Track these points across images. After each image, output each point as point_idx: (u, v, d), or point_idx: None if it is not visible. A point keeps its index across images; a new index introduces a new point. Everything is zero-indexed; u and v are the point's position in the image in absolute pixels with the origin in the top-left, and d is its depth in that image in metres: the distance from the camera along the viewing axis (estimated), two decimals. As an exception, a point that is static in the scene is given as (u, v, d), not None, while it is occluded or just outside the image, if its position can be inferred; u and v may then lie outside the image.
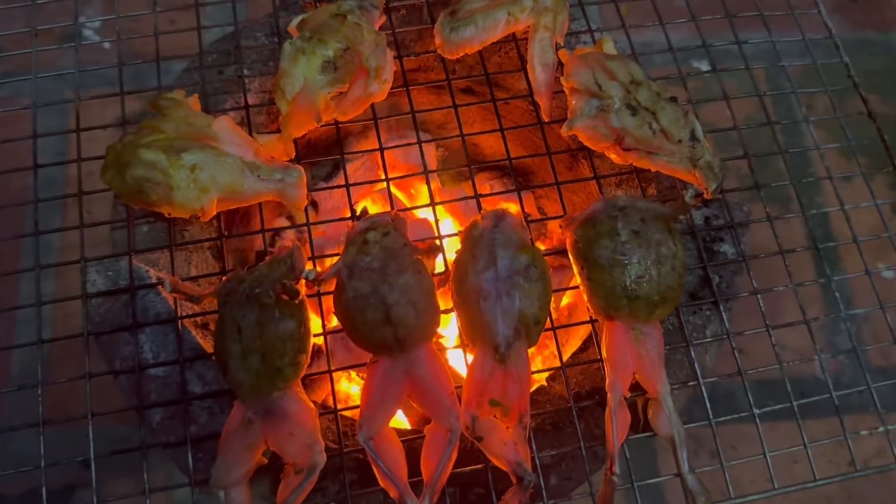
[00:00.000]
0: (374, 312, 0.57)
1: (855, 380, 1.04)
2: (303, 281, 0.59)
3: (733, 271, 0.69)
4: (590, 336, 0.68)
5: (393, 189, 0.95)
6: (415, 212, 0.92)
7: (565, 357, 0.77)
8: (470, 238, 0.62)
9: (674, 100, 0.67)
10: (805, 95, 0.78)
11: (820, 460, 0.63)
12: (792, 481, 0.63)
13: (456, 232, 0.67)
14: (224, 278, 0.61)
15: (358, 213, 0.97)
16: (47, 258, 0.65)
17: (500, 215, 0.62)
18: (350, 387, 0.89)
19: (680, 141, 0.66)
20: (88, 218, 0.67)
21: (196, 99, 0.67)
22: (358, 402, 0.86)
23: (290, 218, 0.86)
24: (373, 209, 0.96)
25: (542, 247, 0.97)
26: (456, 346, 0.65)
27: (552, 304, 0.91)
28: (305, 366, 0.58)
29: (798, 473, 0.64)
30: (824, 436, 0.64)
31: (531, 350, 0.80)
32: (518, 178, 1.02)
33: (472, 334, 0.60)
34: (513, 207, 1.00)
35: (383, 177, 0.71)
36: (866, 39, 1.40)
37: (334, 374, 0.65)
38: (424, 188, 0.95)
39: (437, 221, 0.68)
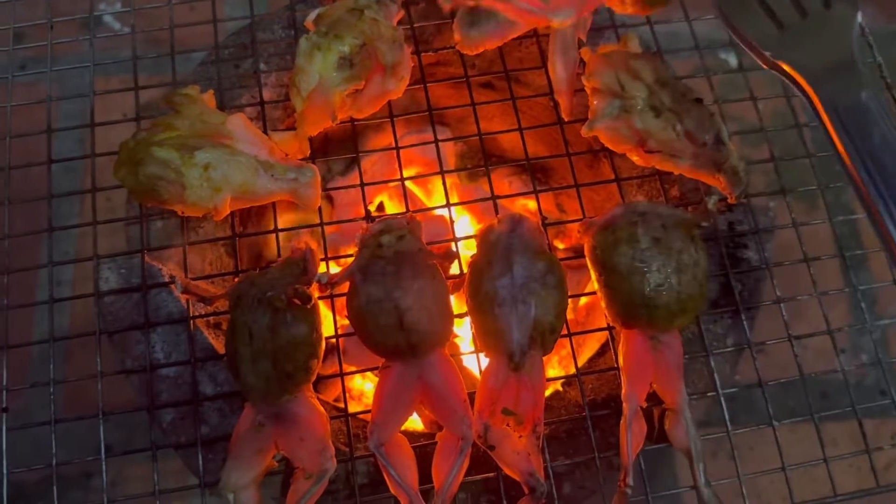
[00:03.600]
0: (386, 317, 0.56)
1: (878, 385, 1.02)
2: (315, 284, 0.58)
3: (756, 279, 0.67)
4: (607, 340, 0.67)
5: (410, 185, 0.94)
6: (431, 208, 0.91)
7: (582, 361, 0.76)
8: (486, 243, 0.61)
9: (699, 101, 0.65)
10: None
11: (842, 466, 0.61)
12: (813, 491, 0.61)
13: (473, 234, 0.66)
14: (236, 280, 0.60)
15: (374, 207, 0.97)
16: (66, 254, 0.65)
17: (517, 220, 0.61)
18: (364, 384, 0.89)
19: (704, 144, 0.64)
20: (109, 210, 0.66)
21: (211, 95, 0.66)
22: (370, 401, 0.86)
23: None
24: (389, 205, 0.95)
25: (560, 245, 0.95)
26: (470, 352, 0.64)
27: (570, 306, 0.90)
28: (317, 370, 0.58)
29: (818, 476, 0.62)
30: (847, 439, 0.62)
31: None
32: (538, 174, 1.00)
33: (486, 341, 0.59)
34: (531, 204, 0.98)
35: (399, 175, 0.69)
36: (902, 31, 1.36)
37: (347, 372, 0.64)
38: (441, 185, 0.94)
39: (452, 223, 0.67)
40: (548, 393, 0.70)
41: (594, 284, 0.62)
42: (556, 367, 0.89)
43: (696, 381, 0.64)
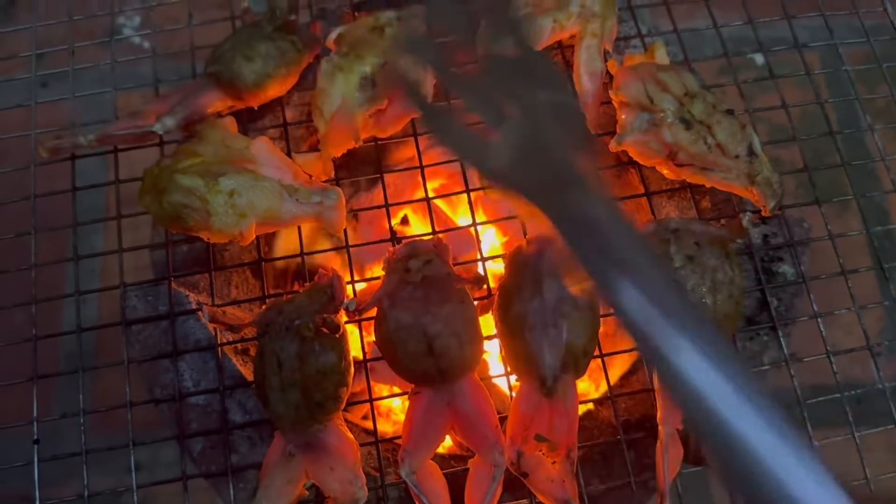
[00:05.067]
0: (416, 344, 0.56)
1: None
2: (342, 311, 0.57)
3: (792, 293, 0.65)
4: (639, 357, 0.66)
5: (437, 200, 0.93)
6: (456, 221, 0.90)
7: (614, 378, 0.75)
8: (514, 264, 0.59)
9: (730, 112, 0.64)
10: (868, 101, 0.73)
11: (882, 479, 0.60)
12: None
13: (499, 250, 0.65)
14: (263, 305, 0.59)
15: (398, 220, 0.96)
16: (92, 281, 0.65)
17: (546, 242, 0.60)
18: (391, 401, 0.88)
19: (737, 156, 0.62)
20: (135, 236, 0.66)
21: (233, 120, 0.65)
22: (399, 418, 0.85)
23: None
24: (413, 219, 0.94)
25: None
26: (500, 375, 0.63)
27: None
28: (346, 398, 0.57)
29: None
30: (883, 447, 0.61)
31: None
32: (562, 183, 0.99)
33: (517, 365, 0.58)
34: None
35: (424, 193, 0.68)
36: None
37: (375, 390, 0.64)
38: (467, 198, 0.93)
39: (479, 242, 0.66)
40: (580, 413, 0.69)
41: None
42: (586, 382, 0.87)
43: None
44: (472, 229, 0.67)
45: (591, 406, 0.69)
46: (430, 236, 0.63)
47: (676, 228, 0.59)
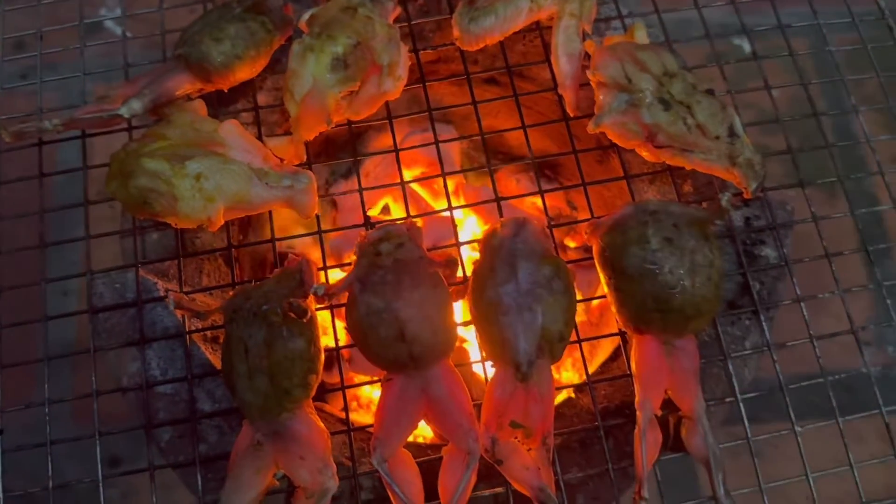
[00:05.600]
0: (387, 329, 0.54)
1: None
2: (312, 296, 0.56)
3: (775, 277, 0.64)
4: (620, 343, 0.65)
5: (414, 186, 0.92)
6: (436, 208, 0.88)
7: (596, 365, 0.74)
8: (489, 248, 0.58)
9: (711, 92, 0.63)
10: (854, 82, 0.72)
11: (870, 464, 0.59)
12: (841, 489, 0.58)
13: (476, 238, 0.64)
14: (231, 293, 0.58)
15: (379, 210, 0.95)
16: (73, 270, 0.64)
17: (521, 223, 0.58)
18: (372, 392, 0.87)
19: (717, 137, 0.61)
20: (117, 223, 0.65)
21: (202, 103, 0.64)
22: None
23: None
24: (394, 207, 0.93)
25: (571, 244, 0.93)
26: (478, 361, 0.61)
27: (582, 307, 0.87)
28: (316, 386, 0.56)
29: (846, 474, 0.59)
30: (874, 436, 0.60)
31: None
32: (547, 171, 0.97)
33: (492, 351, 0.56)
34: (539, 203, 0.95)
35: (400, 177, 0.67)
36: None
37: (353, 381, 0.62)
38: (449, 183, 0.91)
39: (455, 227, 0.65)
40: (559, 400, 0.68)
41: (604, 288, 0.59)
42: (569, 371, 0.86)
43: (713, 386, 0.61)
44: (448, 214, 0.66)
45: (570, 393, 0.68)
46: (404, 220, 0.61)
47: (655, 210, 0.58)
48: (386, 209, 0.94)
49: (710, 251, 0.56)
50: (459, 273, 0.61)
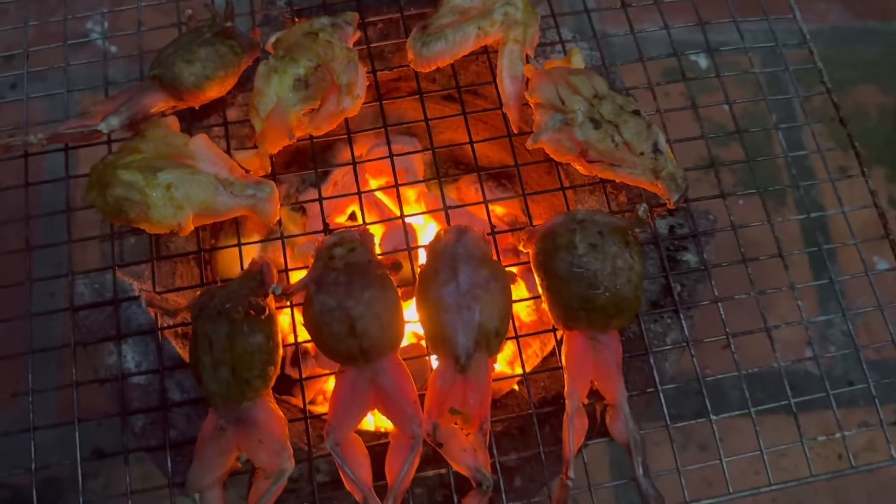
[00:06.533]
0: (339, 325, 0.60)
1: (846, 375, 1.05)
2: (271, 295, 0.62)
3: (696, 279, 0.70)
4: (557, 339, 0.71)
5: (380, 195, 0.98)
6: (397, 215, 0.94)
7: (539, 360, 0.80)
8: (433, 252, 0.64)
9: (637, 112, 0.69)
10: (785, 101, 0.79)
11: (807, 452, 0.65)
12: (781, 476, 0.65)
13: (423, 244, 0.70)
14: (198, 293, 0.64)
15: (346, 217, 1.01)
16: (55, 271, 0.69)
17: (462, 230, 0.65)
18: (336, 387, 0.92)
19: (642, 153, 0.67)
20: (100, 228, 0.71)
21: (175, 119, 0.70)
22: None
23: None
24: (359, 214, 0.99)
25: (522, 248, 0.99)
26: (422, 356, 0.68)
27: (532, 306, 0.93)
28: (275, 377, 0.61)
29: (785, 464, 0.65)
30: (814, 429, 0.66)
31: (501, 357, 0.83)
32: (503, 180, 1.04)
33: (435, 345, 0.63)
34: (499, 210, 1.02)
35: (361, 188, 0.73)
36: (867, 29, 1.39)
37: (320, 378, 0.68)
38: (411, 192, 0.97)
39: (407, 234, 0.71)
40: (504, 393, 0.74)
41: (538, 288, 0.66)
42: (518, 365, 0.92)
43: (637, 377, 0.67)
44: (410, 220, 0.72)
45: (515, 386, 0.74)
46: (358, 227, 0.67)
47: (583, 219, 0.64)
48: (353, 216, 1.00)
49: (631, 256, 0.63)
50: (410, 275, 0.67)
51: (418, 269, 0.66)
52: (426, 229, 0.98)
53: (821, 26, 0.79)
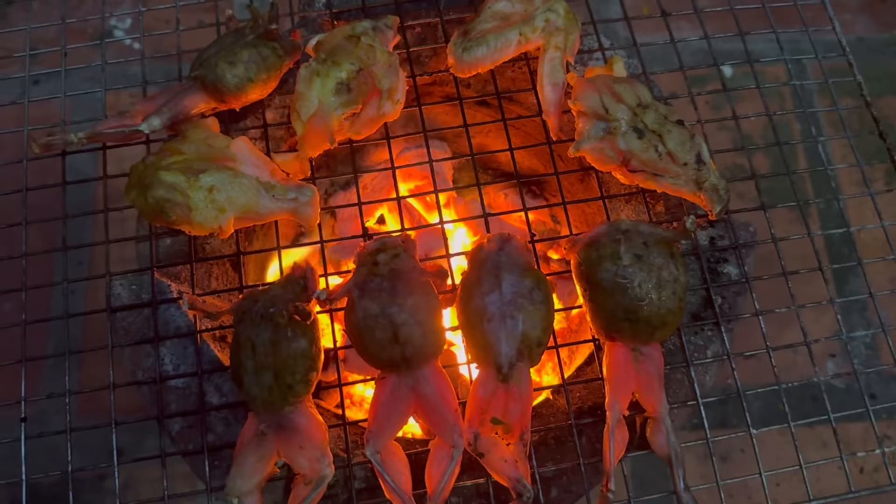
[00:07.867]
0: (382, 332, 0.60)
1: (868, 388, 1.05)
2: (314, 300, 0.61)
3: (736, 292, 0.70)
4: (594, 348, 0.70)
5: (410, 199, 0.97)
6: (429, 220, 0.94)
7: (572, 369, 0.79)
8: (476, 260, 0.64)
9: (681, 122, 0.68)
10: (822, 113, 0.78)
11: (831, 468, 0.64)
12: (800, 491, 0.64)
13: (465, 250, 0.69)
14: (241, 295, 0.63)
15: (375, 220, 1.00)
16: (81, 272, 0.69)
17: (506, 239, 0.64)
18: (364, 391, 0.92)
19: (686, 163, 0.67)
20: (124, 230, 0.70)
21: (215, 121, 0.69)
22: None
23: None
24: (389, 217, 0.99)
25: (554, 256, 0.99)
26: (463, 363, 0.67)
27: (562, 315, 0.93)
28: (316, 382, 0.61)
29: (807, 477, 0.65)
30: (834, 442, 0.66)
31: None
32: (533, 187, 1.03)
33: (477, 354, 0.62)
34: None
35: (396, 193, 0.73)
36: (894, 40, 1.39)
37: (348, 380, 0.68)
38: (441, 197, 0.97)
39: (446, 239, 0.70)
40: (539, 400, 0.74)
41: (580, 298, 0.65)
42: (549, 375, 0.92)
43: (677, 390, 0.67)
44: (440, 227, 0.71)
45: (549, 395, 0.73)
46: (400, 233, 0.67)
47: (627, 229, 0.64)
48: (381, 219, 0.99)
49: (676, 268, 0.62)
50: (449, 282, 0.67)
51: (458, 277, 0.66)
52: (455, 234, 0.98)
53: (847, 37, 0.79)
